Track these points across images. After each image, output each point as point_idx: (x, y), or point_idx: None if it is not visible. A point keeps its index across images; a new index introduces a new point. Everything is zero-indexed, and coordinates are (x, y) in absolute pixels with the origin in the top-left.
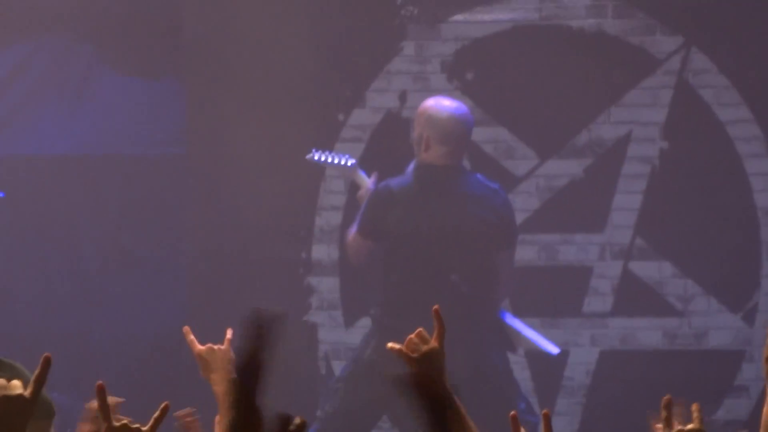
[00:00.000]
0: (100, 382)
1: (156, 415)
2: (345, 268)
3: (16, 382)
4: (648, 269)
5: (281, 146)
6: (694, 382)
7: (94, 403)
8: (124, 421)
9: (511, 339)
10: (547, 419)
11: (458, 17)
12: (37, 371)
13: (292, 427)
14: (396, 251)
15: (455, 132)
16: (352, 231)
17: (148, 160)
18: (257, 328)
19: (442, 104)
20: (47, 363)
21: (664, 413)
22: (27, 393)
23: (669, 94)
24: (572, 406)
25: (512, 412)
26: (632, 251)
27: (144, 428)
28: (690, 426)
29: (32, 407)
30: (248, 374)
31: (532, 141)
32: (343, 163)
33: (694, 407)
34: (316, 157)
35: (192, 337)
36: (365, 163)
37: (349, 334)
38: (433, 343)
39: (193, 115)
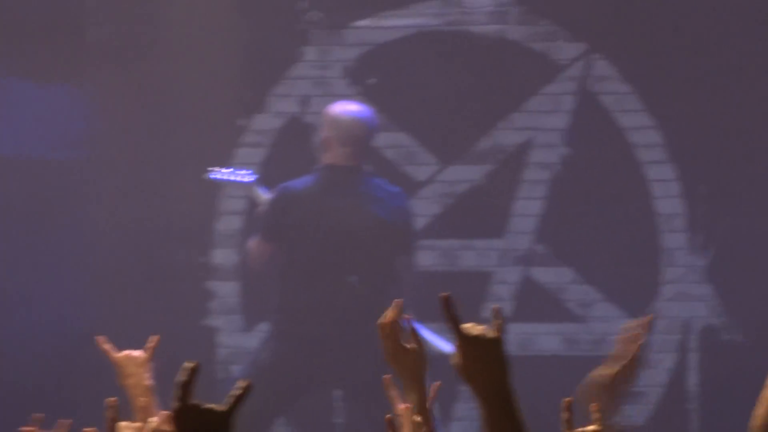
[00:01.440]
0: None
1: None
2: (245, 273)
3: None
4: (548, 275)
5: (183, 151)
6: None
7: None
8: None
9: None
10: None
11: (361, 23)
12: None
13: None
14: (295, 252)
15: (356, 134)
16: (253, 237)
17: (50, 163)
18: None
19: (346, 107)
20: None
21: (565, 415)
22: None
23: (571, 101)
24: (471, 411)
25: (387, 417)
26: (532, 257)
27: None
28: (590, 427)
29: None
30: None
31: (434, 146)
32: (240, 180)
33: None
34: (212, 176)
35: (107, 346)
36: (267, 168)
37: (248, 339)
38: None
39: (95, 120)
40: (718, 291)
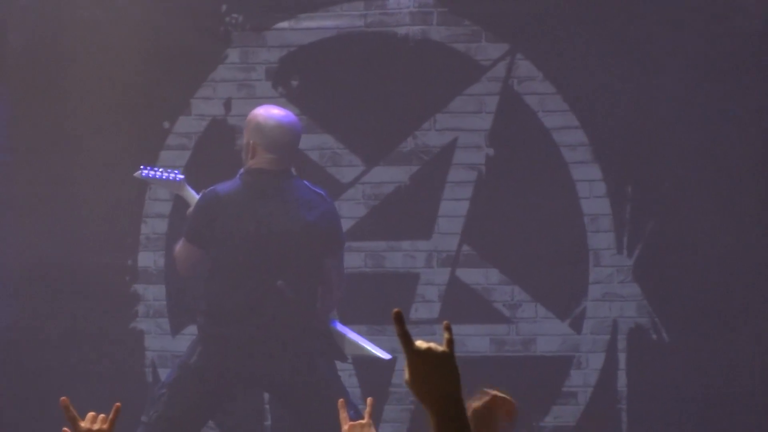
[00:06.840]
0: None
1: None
2: (171, 276)
3: None
4: (475, 276)
5: (107, 154)
6: (522, 388)
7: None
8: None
9: (341, 346)
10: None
11: (283, 24)
12: None
13: None
14: (222, 257)
15: (281, 140)
16: (180, 241)
17: None
18: None
19: (270, 112)
20: None
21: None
22: None
23: (495, 101)
24: (400, 413)
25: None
26: (459, 258)
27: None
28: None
29: None
30: None
31: (358, 148)
32: (171, 178)
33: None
34: (144, 174)
35: (73, 414)
36: (190, 170)
37: (175, 342)
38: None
39: (19, 123)
40: (644, 291)
